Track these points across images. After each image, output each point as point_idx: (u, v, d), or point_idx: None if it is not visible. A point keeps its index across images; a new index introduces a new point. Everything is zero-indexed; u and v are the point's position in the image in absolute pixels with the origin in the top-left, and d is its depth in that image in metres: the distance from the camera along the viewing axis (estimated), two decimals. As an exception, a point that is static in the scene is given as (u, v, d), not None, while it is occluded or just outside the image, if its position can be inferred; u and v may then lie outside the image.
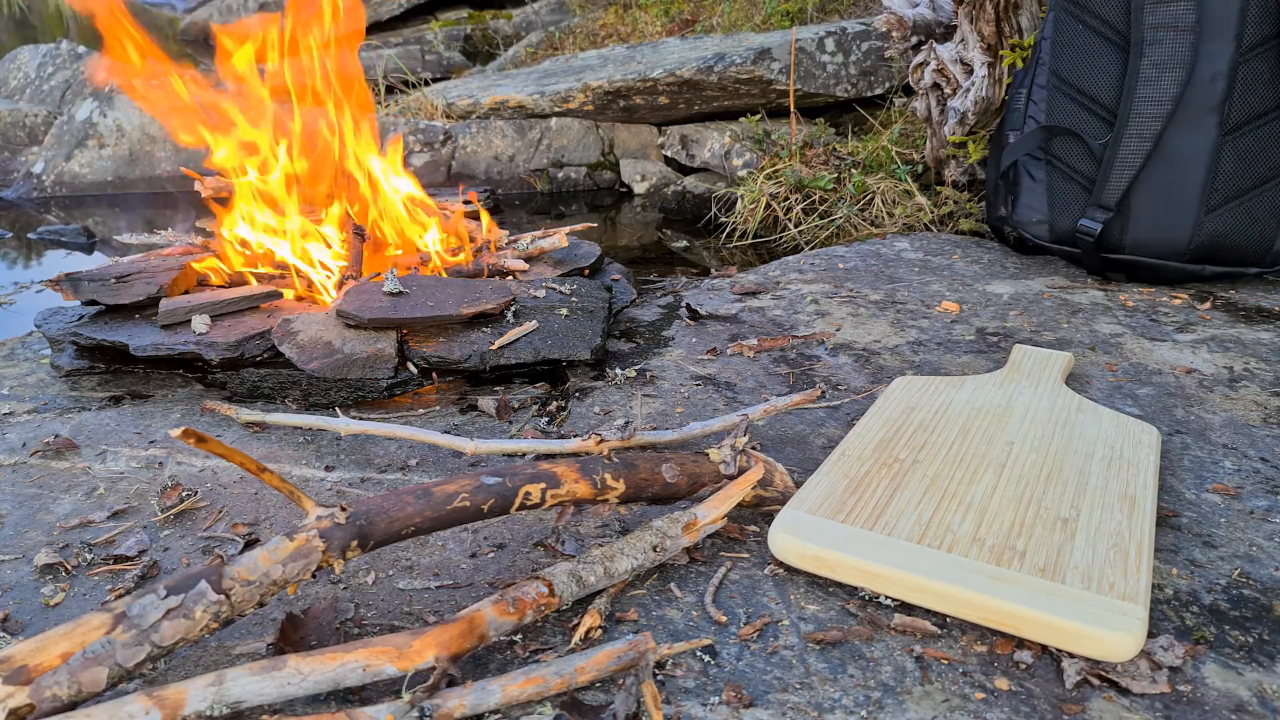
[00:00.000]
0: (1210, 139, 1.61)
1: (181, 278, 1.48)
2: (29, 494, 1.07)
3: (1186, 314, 1.60)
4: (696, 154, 3.06)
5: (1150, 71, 1.62)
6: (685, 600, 0.86)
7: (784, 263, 1.95)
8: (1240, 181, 1.62)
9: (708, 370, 1.39)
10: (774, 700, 0.73)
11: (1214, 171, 1.62)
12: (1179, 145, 1.63)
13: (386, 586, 0.89)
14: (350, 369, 1.28)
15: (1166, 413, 1.24)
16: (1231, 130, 1.60)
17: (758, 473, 0.96)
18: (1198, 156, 1.62)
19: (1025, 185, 1.82)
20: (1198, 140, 1.62)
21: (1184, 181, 1.64)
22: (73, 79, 3.79)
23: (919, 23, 2.24)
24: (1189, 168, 1.63)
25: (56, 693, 0.65)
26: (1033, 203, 1.81)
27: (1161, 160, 1.64)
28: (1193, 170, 1.63)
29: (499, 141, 3.17)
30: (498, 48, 5.10)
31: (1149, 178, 1.66)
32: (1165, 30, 1.60)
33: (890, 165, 2.50)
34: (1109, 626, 0.75)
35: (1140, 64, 1.62)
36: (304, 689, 0.68)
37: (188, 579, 0.71)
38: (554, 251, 1.75)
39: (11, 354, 1.51)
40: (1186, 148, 1.63)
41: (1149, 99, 1.63)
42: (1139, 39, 1.62)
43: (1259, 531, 0.96)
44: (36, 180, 3.15)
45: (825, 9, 3.78)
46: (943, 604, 0.81)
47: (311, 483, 1.10)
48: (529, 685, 0.70)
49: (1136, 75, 1.63)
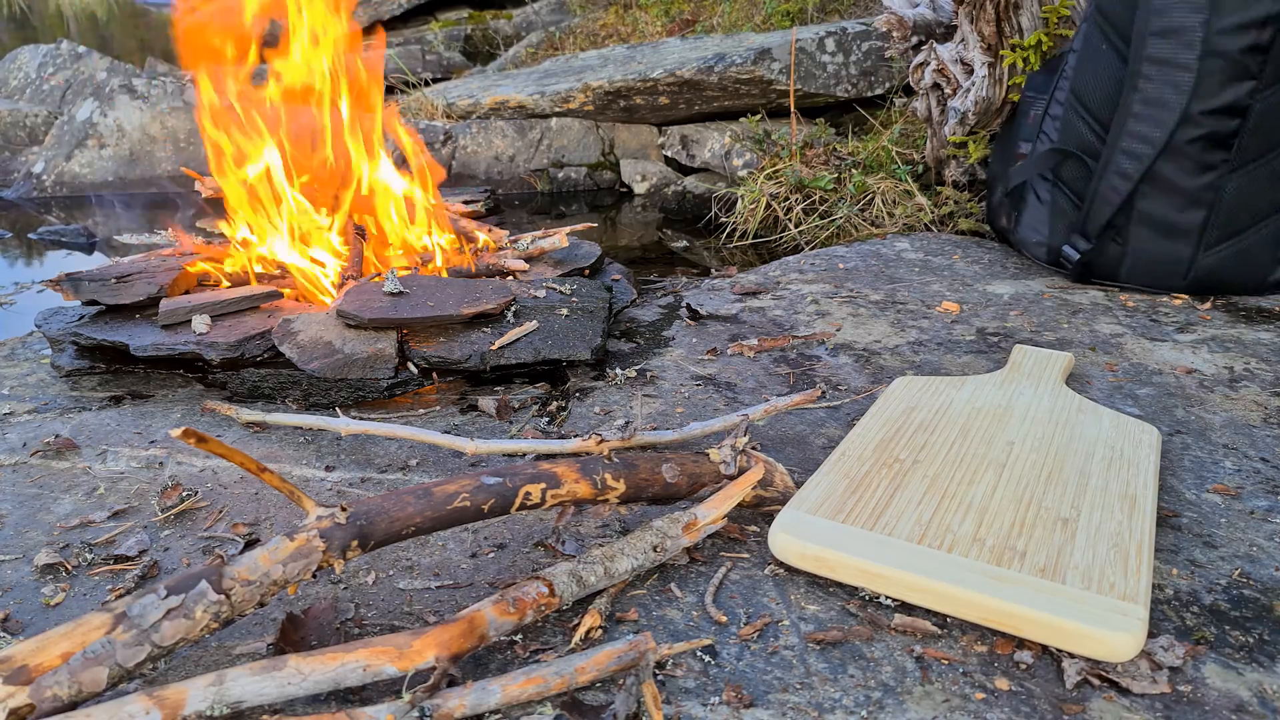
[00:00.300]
0: (1214, 175, 1.55)
1: (182, 278, 1.48)
2: (29, 494, 1.07)
3: (1187, 314, 1.60)
4: (697, 154, 3.05)
5: (1139, 108, 1.56)
6: (685, 600, 0.86)
7: (784, 263, 1.95)
8: (1240, 218, 1.58)
9: (708, 370, 1.39)
10: (774, 700, 0.73)
11: (1215, 208, 1.57)
12: (1179, 180, 1.57)
13: (387, 586, 0.89)
14: (350, 369, 1.28)
15: (1167, 413, 1.24)
16: (1238, 167, 1.55)
17: (758, 473, 0.96)
18: (1200, 193, 1.57)
19: (1030, 204, 1.80)
20: (1200, 177, 1.56)
21: (1183, 217, 1.59)
22: (73, 79, 3.79)
23: (919, 23, 2.24)
24: (1189, 204, 1.58)
25: (57, 693, 0.65)
26: (1035, 223, 1.79)
27: (1160, 193, 1.59)
28: (1193, 206, 1.58)
29: (499, 142, 3.17)
30: (498, 48, 5.10)
31: (1147, 210, 1.61)
32: (1161, 66, 1.53)
33: (890, 165, 2.50)
34: (1109, 626, 0.75)
35: (1132, 99, 1.57)
36: (304, 689, 0.68)
37: (188, 579, 0.71)
38: (554, 252, 1.75)
39: (12, 354, 1.51)
40: (1187, 183, 1.57)
41: (1136, 135, 1.57)
42: (1134, 71, 1.56)
43: (1259, 532, 0.96)
44: (37, 180, 3.15)
45: (826, 9, 3.78)
46: (943, 604, 0.81)
47: (312, 483, 1.10)
48: (529, 685, 0.70)
49: (1127, 110, 1.58)
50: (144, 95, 3.21)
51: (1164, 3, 1.51)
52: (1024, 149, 1.83)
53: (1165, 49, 1.52)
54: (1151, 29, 1.52)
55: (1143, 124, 1.56)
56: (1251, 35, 1.46)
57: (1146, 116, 1.56)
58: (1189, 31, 1.49)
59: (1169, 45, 1.51)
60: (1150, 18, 1.52)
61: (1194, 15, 1.48)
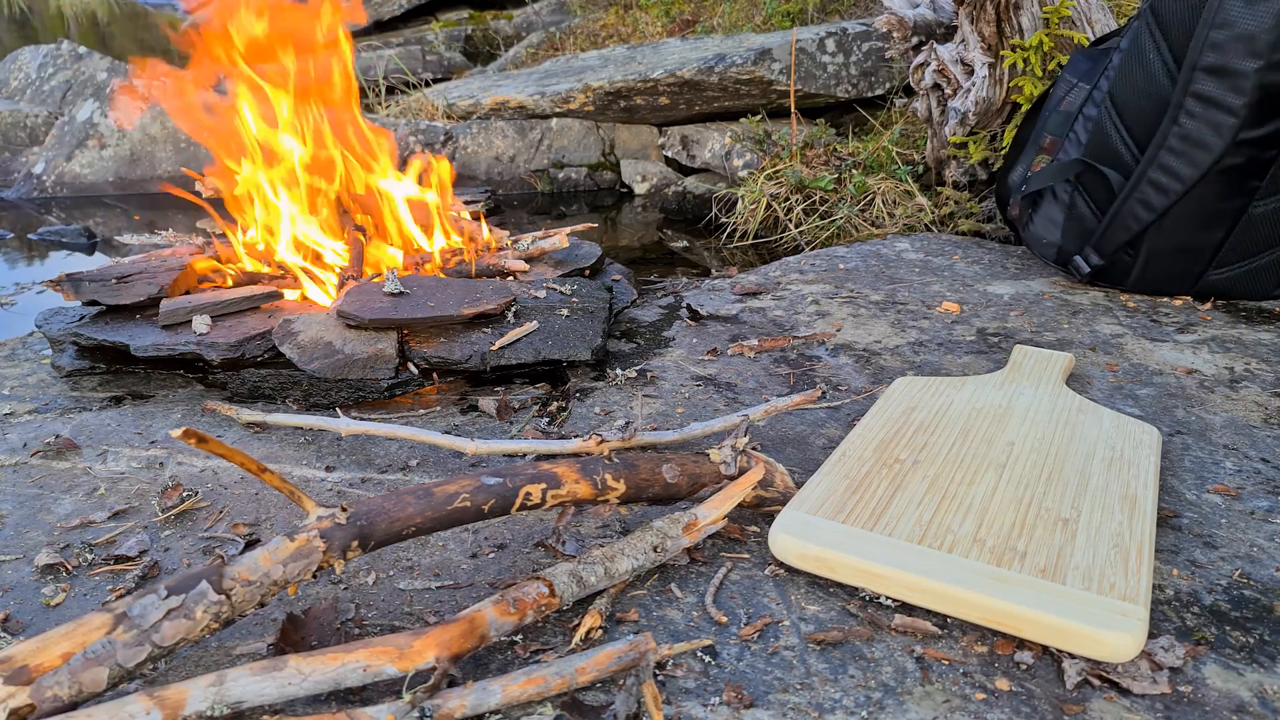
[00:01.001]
0: (1242, 200, 1.53)
1: (182, 278, 1.48)
2: (30, 494, 1.07)
3: (1187, 315, 1.60)
4: (697, 154, 3.06)
5: (1177, 143, 1.51)
6: (686, 601, 0.86)
7: (784, 263, 1.95)
8: (1257, 242, 1.56)
9: (708, 371, 1.39)
10: (774, 701, 0.73)
11: (1233, 231, 1.56)
12: (1205, 204, 1.54)
13: (387, 587, 0.89)
14: (351, 369, 1.28)
15: (1167, 413, 1.24)
16: (1269, 194, 1.52)
17: (758, 473, 0.96)
18: (1223, 217, 1.55)
19: (1046, 200, 1.77)
20: (1228, 203, 1.53)
21: (1201, 238, 1.58)
22: (73, 79, 3.79)
23: (920, 23, 2.24)
24: (1210, 226, 1.56)
25: (57, 693, 0.65)
26: (1049, 222, 1.76)
27: (1183, 214, 1.56)
28: (1213, 229, 1.56)
29: (500, 142, 3.17)
30: (498, 48, 5.10)
31: (1167, 229, 1.58)
32: (1206, 105, 1.47)
33: (891, 166, 2.50)
34: (1110, 627, 0.75)
35: (1170, 131, 1.51)
36: (305, 689, 0.68)
37: (188, 579, 0.71)
38: (555, 252, 1.75)
39: (12, 354, 1.51)
40: (1213, 207, 1.54)
41: (1168, 169, 1.53)
42: (1178, 103, 1.50)
43: (1260, 532, 0.96)
44: (37, 181, 3.15)
45: (826, 9, 3.78)
46: (943, 604, 0.81)
47: (312, 483, 1.10)
48: (530, 685, 0.70)
49: (1163, 142, 1.52)
50: (145, 96, 3.21)
51: (1220, 39, 1.44)
52: (1049, 140, 1.77)
53: (1214, 88, 1.46)
54: (1203, 64, 1.46)
55: (1177, 160, 1.52)
56: None
57: (1182, 153, 1.51)
58: (1241, 77, 1.44)
59: (1218, 85, 1.46)
60: (1204, 51, 1.46)
61: (1249, 62, 1.43)
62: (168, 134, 3.19)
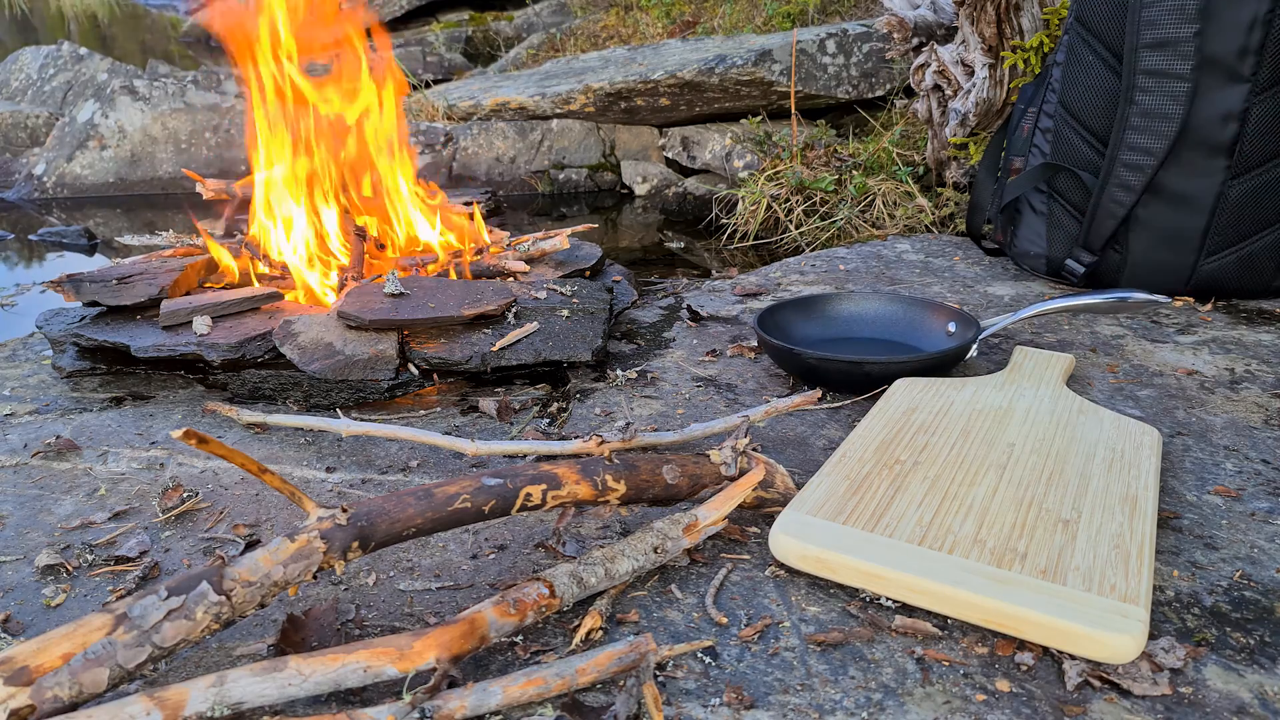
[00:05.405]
0: (1216, 182, 1.55)
1: (183, 279, 1.48)
2: (30, 495, 1.07)
3: (1188, 316, 1.60)
4: (697, 155, 3.06)
5: (1138, 120, 1.55)
6: (686, 601, 0.86)
7: (785, 264, 1.95)
8: (1243, 226, 1.57)
9: (709, 372, 1.39)
10: (775, 702, 0.73)
11: (1216, 215, 1.57)
12: (1180, 187, 1.57)
13: (387, 588, 0.89)
14: (352, 370, 1.28)
15: (1168, 414, 1.24)
16: (1240, 173, 1.54)
17: (759, 474, 0.96)
18: (1200, 199, 1.56)
19: (1026, 215, 1.78)
20: (1201, 183, 1.55)
21: (1184, 225, 1.59)
22: (74, 80, 3.79)
23: (920, 24, 2.24)
24: (1190, 211, 1.57)
25: (58, 694, 0.65)
26: (1033, 235, 1.77)
27: (1160, 202, 1.59)
28: (1194, 214, 1.57)
29: (500, 143, 3.17)
30: (499, 49, 5.10)
31: (1147, 219, 1.61)
32: (1157, 78, 1.52)
33: (891, 167, 2.50)
34: (1110, 628, 0.75)
35: (1129, 111, 1.56)
36: (305, 690, 0.68)
37: (189, 580, 0.71)
38: (555, 253, 1.75)
39: (13, 355, 1.51)
40: (1187, 190, 1.56)
41: (1136, 148, 1.56)
42: (1129, 84, 1.55)
43: (1260, 533, 0.96)
44: (38, 182, 3.16)
45: (826, 10, 3.79)
46: (944, 605, 0.81)
47: (313, 484, 1.10)
48: (530, 686, 0.70)
49: (1125, 123, 1.57)
50: (145, 96, 3.21)
51: (1154, 15, 1.51)
52: (1017, 163, 1.81)
53: (1159, 61, 1.52)
54: (1143, 42, 1.52)
55: (1143, 135, 1.56)
56: (1241, 38, 1.47)
57: (1146, 128, 1.55)
58: (1182, 43, 1.49)
59: (1163, 57, 1.52)
60: (1141, 30, 1.52)
61: (1186, 27, 1.49)
62: (168, 135, 3.19)
